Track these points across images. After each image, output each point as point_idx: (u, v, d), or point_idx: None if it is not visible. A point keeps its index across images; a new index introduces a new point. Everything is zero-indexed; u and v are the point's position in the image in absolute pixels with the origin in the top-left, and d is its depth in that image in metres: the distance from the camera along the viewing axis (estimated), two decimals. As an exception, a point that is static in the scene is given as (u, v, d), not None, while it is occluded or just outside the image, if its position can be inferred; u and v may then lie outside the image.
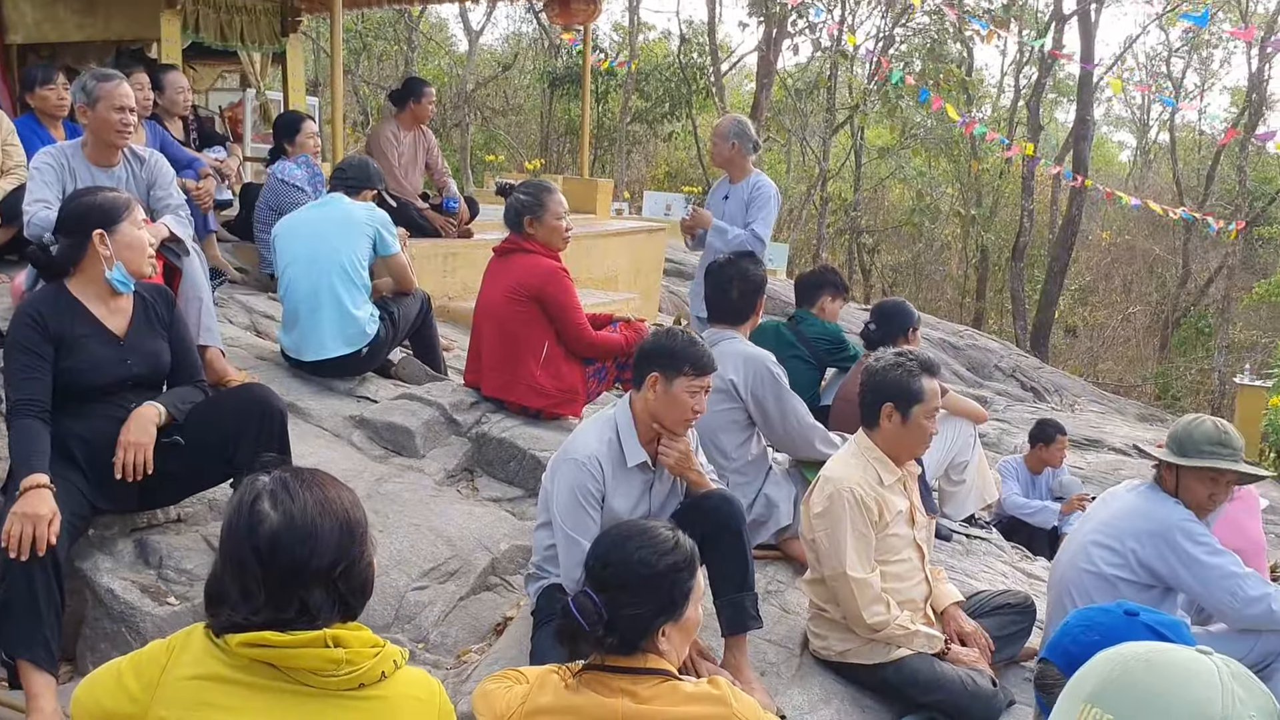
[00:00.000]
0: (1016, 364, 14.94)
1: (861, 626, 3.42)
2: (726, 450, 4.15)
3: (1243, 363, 16.13)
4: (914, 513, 3.63)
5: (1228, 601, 3.42)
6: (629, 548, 2.25)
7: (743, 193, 5.98)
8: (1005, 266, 23.88)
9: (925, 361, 3.59)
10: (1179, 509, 3.48)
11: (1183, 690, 1.13)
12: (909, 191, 26.30)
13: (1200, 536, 3.43)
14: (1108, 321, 26.39)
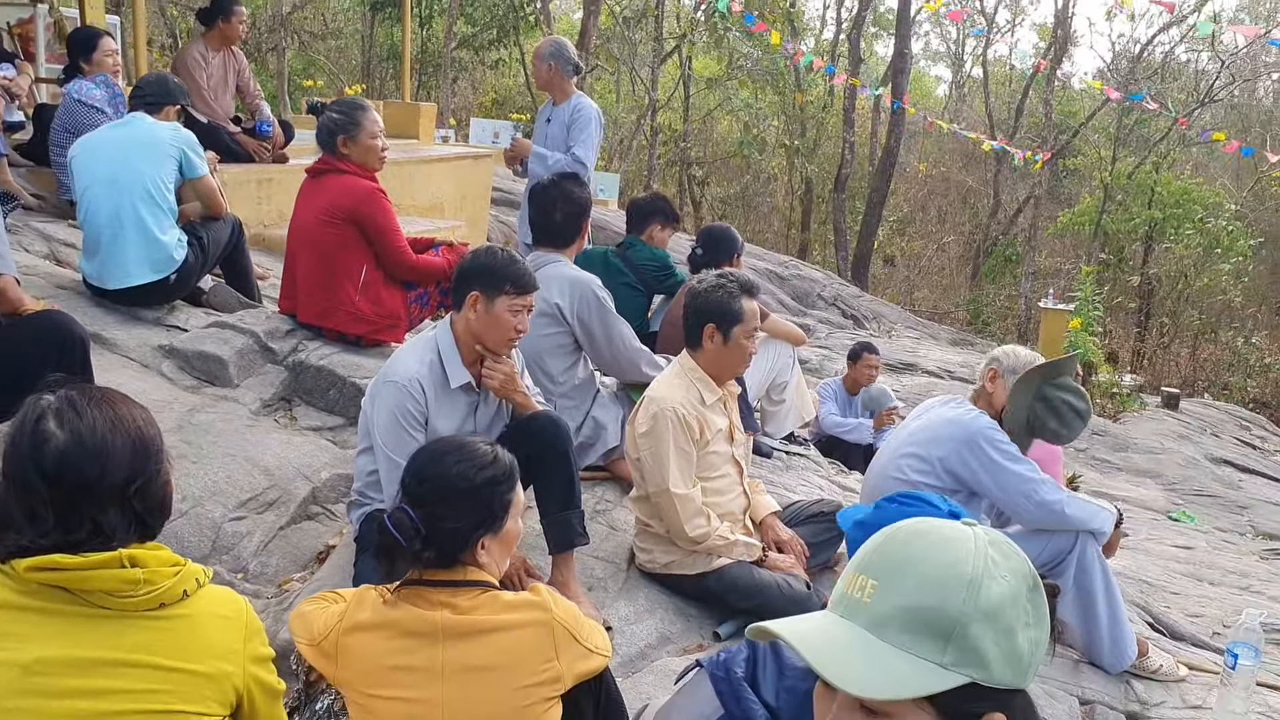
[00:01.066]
0: (838, 293, 15.43)
1: (684, 539, 3.51)
2: (553, 374, 4.16)
3: (1047, 288, 17.05)
4: (733, 430, 3.73)
5: (1023, 504, 3.65)
6: (446, 463, 2.24)
7: (564, 115, 5.93)
8: (828, 198, 24.51)
9: (745, 283, 3.66)
10: (983, 417, 3.69)
11: (938, 553, 1.19)
12: (737, 123, 26.61)
13: (1002, 444, 3.64)
14: (924, 251, 27.50)
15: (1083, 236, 23.31)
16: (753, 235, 25.51)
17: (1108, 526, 3.76)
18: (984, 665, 1.15)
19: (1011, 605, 1.16)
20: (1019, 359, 3.77)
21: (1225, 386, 21.90)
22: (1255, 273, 25.33)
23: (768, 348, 5.52)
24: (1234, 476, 12.16)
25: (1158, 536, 8.50)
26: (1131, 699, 3.72)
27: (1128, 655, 3.80)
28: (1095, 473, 10.57)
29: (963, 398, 3.86)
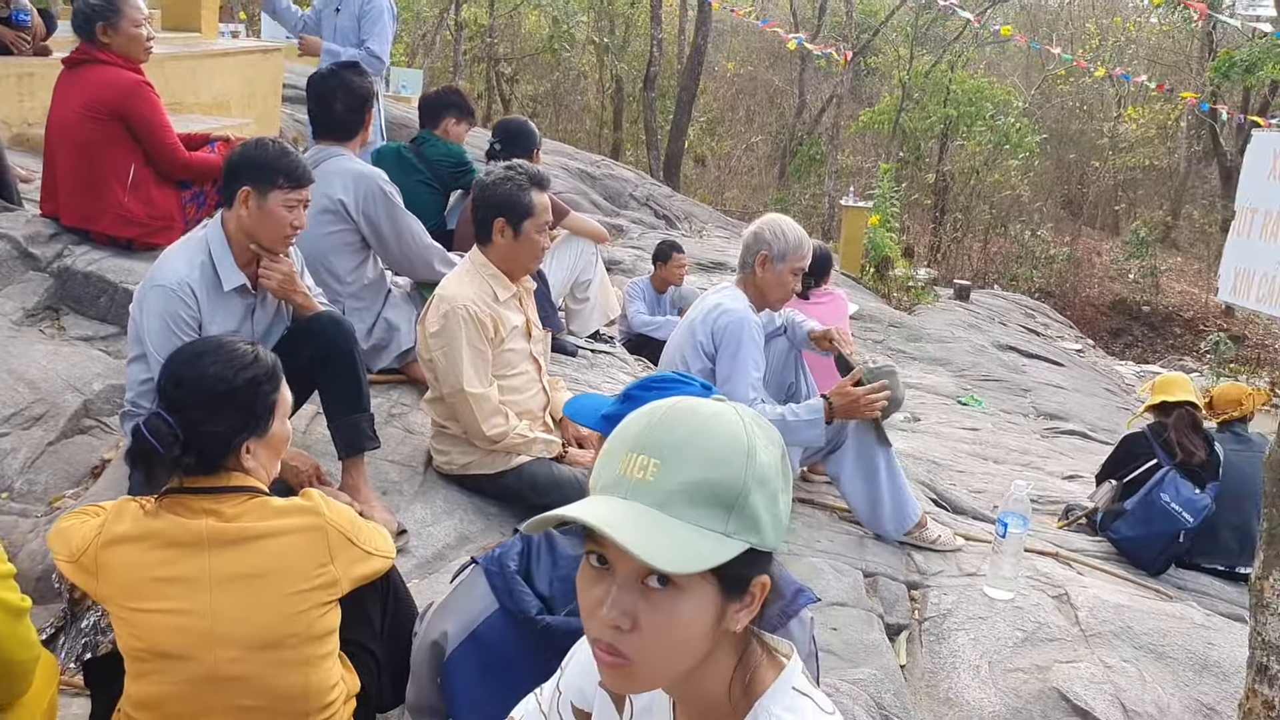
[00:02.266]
0: (650, 193, 15.45)
1: (481, 439, 3.47)
2: (340, 274, 4.00)
3: (849, 186, 17.53)
4: (530, 327, 3.68)
5: (746, 396, 3.75)
6: (203, 364, 2.11)
7: (353, 6, 5.64)
8: (640, 97, 24.40)
9: (535, 175, 3.57)
10: (746, 309, 3.80)
11: (714, 427, 1.20)
12: (545, 19, 26.05)
13: (748, 341, 3.74)
14: (733, 151, 27.84)
15: (882, 135, 24.04)
16: (565, 134, 25.25)
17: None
18: (759, 530, 1.17)
19: (775, 472, 1.20)
20: (788, 241, 3.82)
21: (1013, 277, 23.22)
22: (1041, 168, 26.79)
23: (570, 245, 5.47)
24: (1018, 362, 12.95)
25: (947, 420, 9.00)
26: (912, 569, 3.94)
27: (909, 519, 4.01)
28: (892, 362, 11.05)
29: (732, 284, 3.92)
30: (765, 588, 1.22)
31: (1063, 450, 8.64)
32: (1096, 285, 25.19)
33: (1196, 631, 3.84)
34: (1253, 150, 2.45)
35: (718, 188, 26.17)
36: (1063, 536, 5.17)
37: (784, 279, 3.86)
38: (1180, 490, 4.85)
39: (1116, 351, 21.17)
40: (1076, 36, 28.83)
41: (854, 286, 13.40)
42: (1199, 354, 20.80)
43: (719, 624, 1.20)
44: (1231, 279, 2.49)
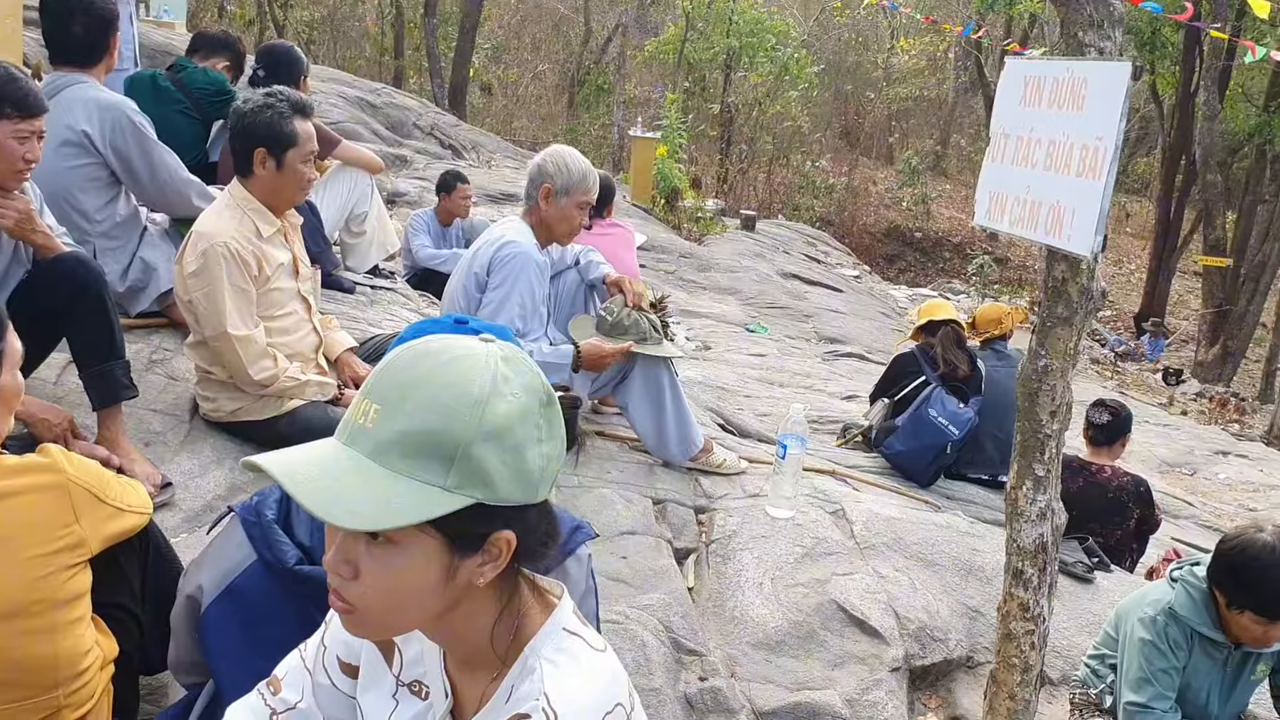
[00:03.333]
0: (435, 122, 15.04)
1: (249, 384, 3.29)
2: (88, 212, 3.69)
3: (637, 117, 17.55)
4: (298, 264, 3.49)
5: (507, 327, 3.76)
6: None
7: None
8: (421, 24, 23.61)
9: (297, 102, 3.36)
10: (529, 243, 3.73)
11: (444, 373, 1.13)
12: (318, -60, 24.79)
13: (526, 275, 3.68)
14: (520, 80, 27.39)
15: (668, 65, 24.14)
16: (345, 62, 24.21)
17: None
18: (489, 485, 1.12)
19: (521, 422, 1.14)
20: (572, 174, 3.76)
21: (796, 207, 23.94)
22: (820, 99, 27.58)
23: (343, 176, 5.24)
24: (801, 289, 13.40)
25: (736, 348, 9.22)
26: (700, 494, 4.01)
27: (694, 445, 4.09)
28: (683, 293, 11.23)
29: (518, 216, 3.85)
30: (510, 544, 1.17)
31: (842, 372, 9.01)
32: (873, 213, 26.30)
33: (962, 539, 4.08)
34: (1005, 77, 2.54)
35: (506, 117, 25.72)
36: (841, 454, 5.40)
37: (569, 213, 3.81)
38: (946, 405, 5.13)
39: (891, 276, 22.24)
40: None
41: (645, 218, 13.49)
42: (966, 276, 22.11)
43: (449, 579, 1.16)
44: (987, 203, 2.59)
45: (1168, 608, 2.81)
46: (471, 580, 1.17)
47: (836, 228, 23.44)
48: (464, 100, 21.20)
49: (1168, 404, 14.72)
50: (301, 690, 1.44)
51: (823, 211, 24.36)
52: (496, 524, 1.15)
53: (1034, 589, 2.31)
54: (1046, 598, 2.34)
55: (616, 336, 3.86)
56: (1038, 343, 2.29)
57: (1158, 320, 20.55)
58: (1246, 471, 9.80)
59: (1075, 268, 2.22)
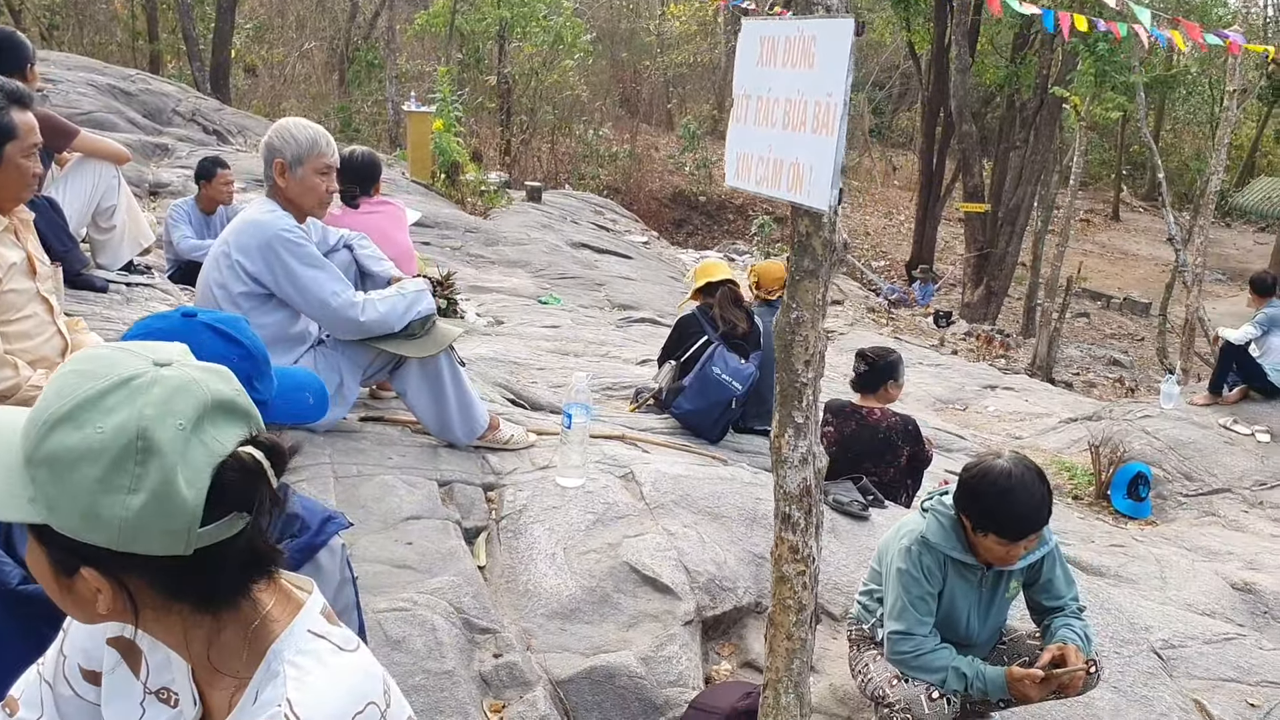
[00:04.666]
0: (196, 107, 14.32)
1: (-13, 396, 3.05)
2: None
3: (410, 91, 17.18)
4: (34, 263, 3.25)
5: (322, 312, 3.63)
6: None
7: None
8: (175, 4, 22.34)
9: (14, 92, 3.11)
10: (282, 218, 3.58)
11: (56, 386, 1.11)
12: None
13: (298, 247, 3.56)
14: (287, 59, 26.33)
15: (440, 38, 23.71)
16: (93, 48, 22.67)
17: (419, 312, 3.80)
18: (53, 511, 1.07)
19: (85, 460, 1.05)
20: (300, 142, 3.59)
21: (582, 177, 24.03)
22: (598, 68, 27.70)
23: (85, 169, 4.91)
24: (591, 258, 13.48)
25: (529, 320, 9.19)
26: (488, 472, 3.99)
27: (479, 425, 4.04)
28: (471, 269, 11.11)
29: (267, 195, 3.70)
30: (100, 586, 1.11)
31: (635, 338, 9.13)
32: (658, 179, 26.70)
33: (747, 489, 4.21)
34: (743, 37, 2.60)
35: (273, 98, 24.67)
36: (635, 419, 5.47)
37: (310, 183, 3.64)
38: (729, 362, 5.26)
39: (679, 241, 22.68)
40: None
41: (426, 194, 13.25)
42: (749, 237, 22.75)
43: (67, 591, 1.14)
44: (735, 164, 2.65)
45: (921, 536, 2.98)
46: (94, 605, 1.13)
47: (623, 195, 23.68)
48: (227, 83, 20.23)
49: (939, 345, 15.62)
50: (41, 704, 1.38)
51: (609, 180, 24.56)
52: (79, 555, 1.10)
53: (801, 531, 2.39)
54: (815, 539, 2.43)
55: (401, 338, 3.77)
56: (789, 295, 2.36)
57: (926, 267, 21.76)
58: (1013, 403, 10.52)
59: (817, 222, 2.29)
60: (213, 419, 1.10)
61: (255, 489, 1.10)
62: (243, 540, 1.12)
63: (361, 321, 3.64)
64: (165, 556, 1.08)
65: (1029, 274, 20.65)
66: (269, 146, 3.60)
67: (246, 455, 1.10)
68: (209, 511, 1.08)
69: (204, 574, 1.12)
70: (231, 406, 1.13)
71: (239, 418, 1.13)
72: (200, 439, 1.08)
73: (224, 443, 1.10)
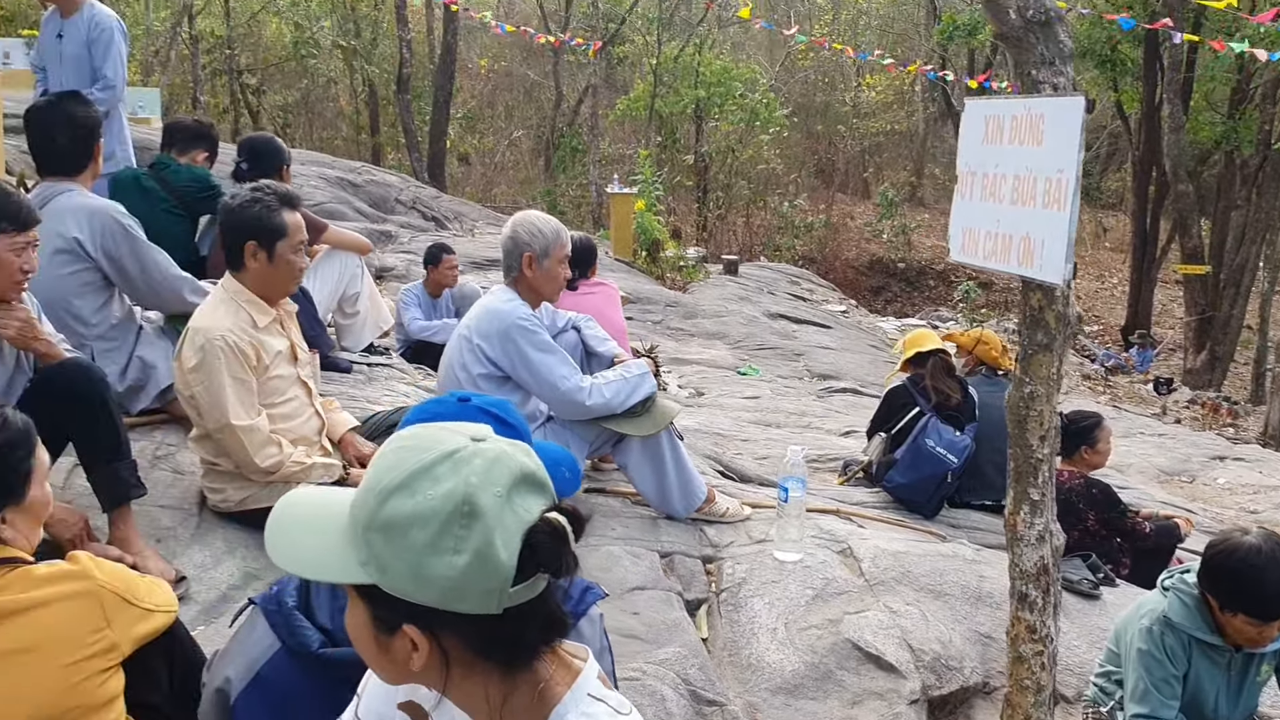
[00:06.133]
0: (416, 195, 15.21)
1: (256, 472, 3.35)
2: (84, 316, 3.76)
3: (613, 174, 17.75)
4: (295, 350, 3.56)
5: (551, 395, 3.84)
6: None
7: (79, 31, 5.27)
8: (394, 100, 23.92)
9: (285, 194, 3.46)
10: (519, 307, 3.81)
11: (389, 460, 1.22)
12: (286, 26, 25.13)
13: (533, 334, 3.79)
14: (496, 147, 27.71)
15: (640, 121, 24.45)
16: (322, 143, 24.50)
17: (642, 394, 3.95)
18: (386, 573, 1.18)
19: (419, 524, 1.17)
20: (547, 236, 3.86)
21: (777, 248, 24.11)
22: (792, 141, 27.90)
23: (333, 260, 5.33)
24: (790, 328, 13.49)
25: (729, 392, 9.28)
26: (705, 544, 4.06)
27: (697, 498, 4.14)
28: (671, 341, 11.31)
29: (507, 285, 3.94)
30: (419, 643, 1.21)
31: (837, 408, 9.06)
32: (854, 248, 26.50)
33: (969, 567, 4.13)
34: (966, 118, 2.64)
35: (485, 185, 25.98)
36: (844, 492, 5.45)
37: (554, 272, 3.91)
38: (942, 434, 5.19)
39: (878, 309, 22.39)
40: (811, 12, 30.15)
41: (628, 271, 13.62)
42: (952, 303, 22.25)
43: (384, 651, 1.24)
44: (960, 239, 2.67)
45: (1163, 617, 2.86)
46: (408, 663, 1.23)
47: (819, 265, 23.61)
48: (443, 171, 21.43)
49: (1161, 413, 14.80)
50: None
51: (804, 250, 24.55)
52: (402, 614, 1.20)
53: (1039, 611, 2.36)
54: (1053, 618, 2.39)
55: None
56: (1021, 370, 2.36)
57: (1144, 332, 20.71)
58: (1245, 474, 9.85)
59: (1050, 296, 2.29)
60: (521, 488, 1.21)
61: (559, 552, 1.20)
62: (544, 601, 1.22)
63: (588, 405, 3.82)
64: (479, 615, 1.19)
65: (1256, 337, 19.37)
66: (515, 241, 3.85)
67: (554, 520, 1.20)
68: (518, 572, 1.18)
69: (510, 633, 1.22)
70: (535, 478, 1.24)
71: (541, 488, 1.24)
72: (512, 506, 1.19)
73: (531, 510, 1.21)
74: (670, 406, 4.03)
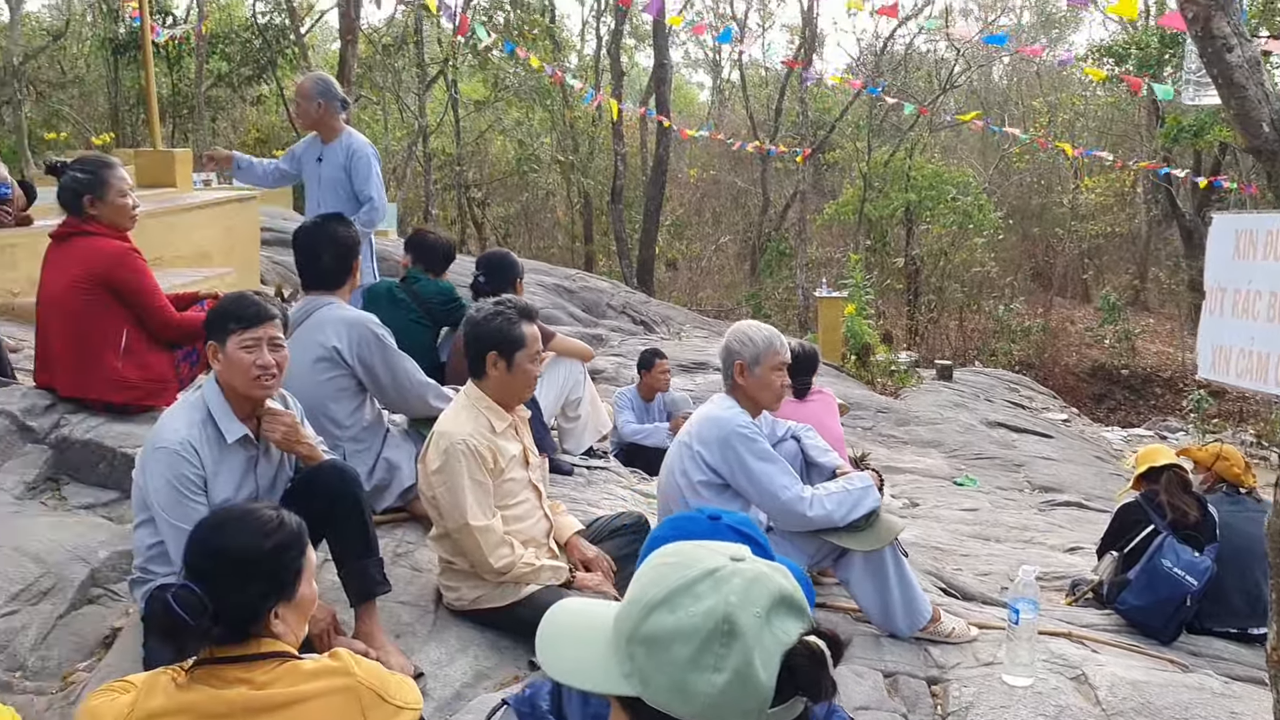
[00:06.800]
0: (626, 301, 15.65)
1: (489, 572, 3.49)
2: (339, 419, 4.06)
3: (821, 278, 17.79)
4: (527, 455, 3.73)
5: (771, 504, 3.82)
6: (228, 532, 2.15)
7: (338, 156, 5.78)
8: (607, 210, 24.86)
9: (524, 308, 3.67)
10: (738, 415, 3.85)
11: (651, 575, 1.27)
12: (510, 143, 26.65)
13: (753, 442, 3.81)
14: (703, 253, 28.30)
15: (848, 225, 24.49)
16: (538, 251, 25.65)
17: (866, 508, 3.89)
18: (647, 685, 1.21)
19: (681, 640, 1.20)
20: (757, 345, 3.90)
21: (992, 353, 23.45)
22: (1008, 243, 27.28)
23: (557, 366, 5.56)
24: (1008, 437, 13.02)
25: (945, 503, 9.01)
26: (930, 665, 3.93)
27: (922, 616, 4.02)
28: (883, 448, 11.10)
29: (726, 393, 4.00)
30: None
31: (1061, 523, 8.65)
32: (1074, 353, 25.47)
33: (1218, 701, 3.84)
34: (1215, 232, 2.56)
35: (691, 289, 26.54)
36: (1073, 613, 5.18)
37: (767, 380, 3.93)
38: (1180, 554, 4.88)
39: (1101, 417, 21.33)
40: (1026, 114, 29.66)
41: (837, 376, 13.54)
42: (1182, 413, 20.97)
43: None
44: (1210, 357, 2.58)
45: None
46: None
47: (1037, 371, 22.80)
48: (651, 277, 22.02)
49: None
50: None
51: (1021, 355, 23.78)
52: None
53: (1313, 758, 2.18)
54: (1328, 767, 2.21)
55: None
56: (1283, 496, 2.24)
57: None
58: None
59: (1315, 418, 2.17)
60: (780, 610, 1.23)
61: (818, 676, 1.21)
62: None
63: (809, 516, 3.80)
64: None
65: None
66: (729, 349, 3.94)
67: (813, 644, 1.21)
68: (776, 694, 1.20)
69: None
70: (793, 600, 1.25)
71: (799, 611, 1.25)
72: (771, 627, 1.21)
73: (790, 632, 1.22)
74: (895, 522, 3.97)
